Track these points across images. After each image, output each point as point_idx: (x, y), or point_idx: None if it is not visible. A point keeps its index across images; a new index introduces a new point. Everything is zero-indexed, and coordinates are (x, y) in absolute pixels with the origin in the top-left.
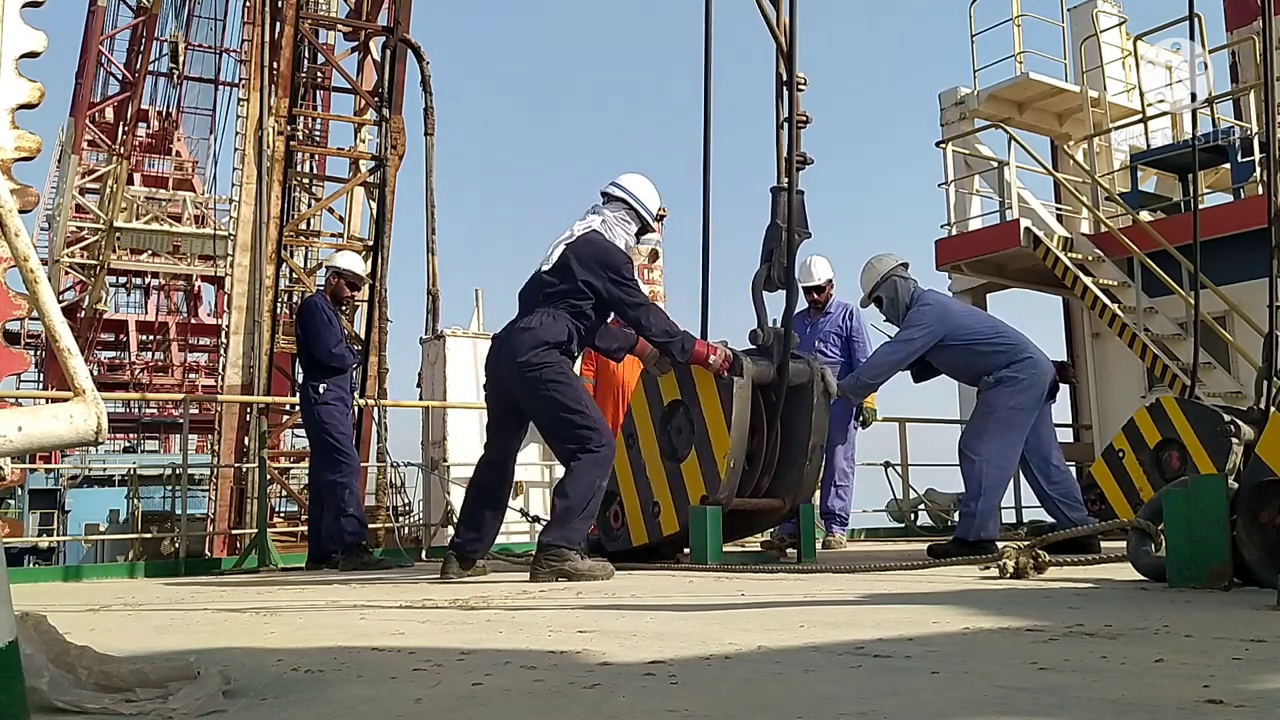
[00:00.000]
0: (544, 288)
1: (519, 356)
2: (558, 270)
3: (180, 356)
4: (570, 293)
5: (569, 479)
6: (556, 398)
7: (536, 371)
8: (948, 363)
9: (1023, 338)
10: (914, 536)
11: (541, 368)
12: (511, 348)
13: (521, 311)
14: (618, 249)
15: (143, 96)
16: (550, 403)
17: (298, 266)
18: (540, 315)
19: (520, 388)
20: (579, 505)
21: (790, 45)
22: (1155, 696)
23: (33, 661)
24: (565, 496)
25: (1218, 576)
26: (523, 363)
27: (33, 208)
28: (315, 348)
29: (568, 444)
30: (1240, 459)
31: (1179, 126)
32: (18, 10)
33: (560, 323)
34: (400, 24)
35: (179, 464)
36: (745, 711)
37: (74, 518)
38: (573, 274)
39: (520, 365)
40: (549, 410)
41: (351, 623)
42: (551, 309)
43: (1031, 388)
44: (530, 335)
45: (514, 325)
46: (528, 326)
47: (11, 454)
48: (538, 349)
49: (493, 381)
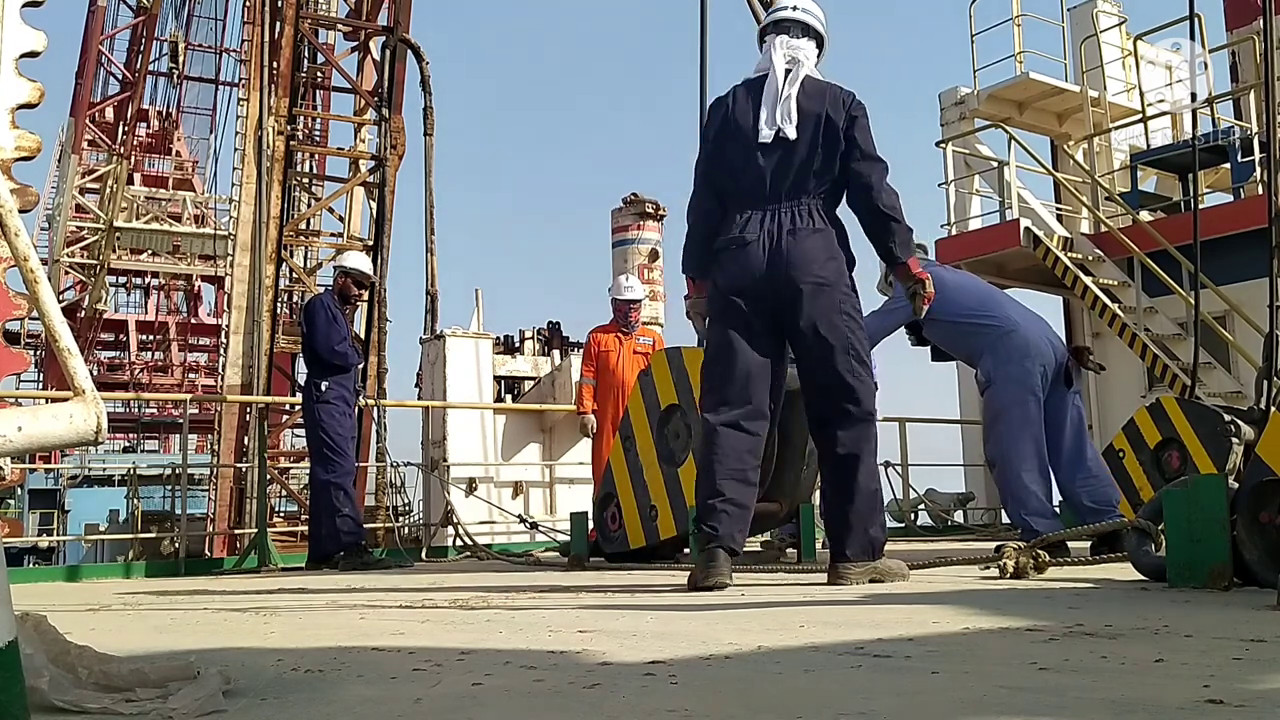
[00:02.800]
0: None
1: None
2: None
3: (180, 356)
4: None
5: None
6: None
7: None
8: (939, 338)
9: (1014, 316)
10: (914, 536)
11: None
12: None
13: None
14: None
15: (143, 96)
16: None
17: (298, 266)
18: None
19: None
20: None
21: None
22: (1155, 696)
23: (33, 661)
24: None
25: (1218, 576)
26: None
27: (33, 208)
28: (318, 345)
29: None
30: (1240, 459)
31: (1179, 126)
32: (18, 10)
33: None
34: (400, 24)
35: (179, 464)
36: (745, 711)
37: (74, 518)
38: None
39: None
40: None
41: (351, 623)
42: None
43: (1022, 379)
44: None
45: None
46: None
47: (11, 454)
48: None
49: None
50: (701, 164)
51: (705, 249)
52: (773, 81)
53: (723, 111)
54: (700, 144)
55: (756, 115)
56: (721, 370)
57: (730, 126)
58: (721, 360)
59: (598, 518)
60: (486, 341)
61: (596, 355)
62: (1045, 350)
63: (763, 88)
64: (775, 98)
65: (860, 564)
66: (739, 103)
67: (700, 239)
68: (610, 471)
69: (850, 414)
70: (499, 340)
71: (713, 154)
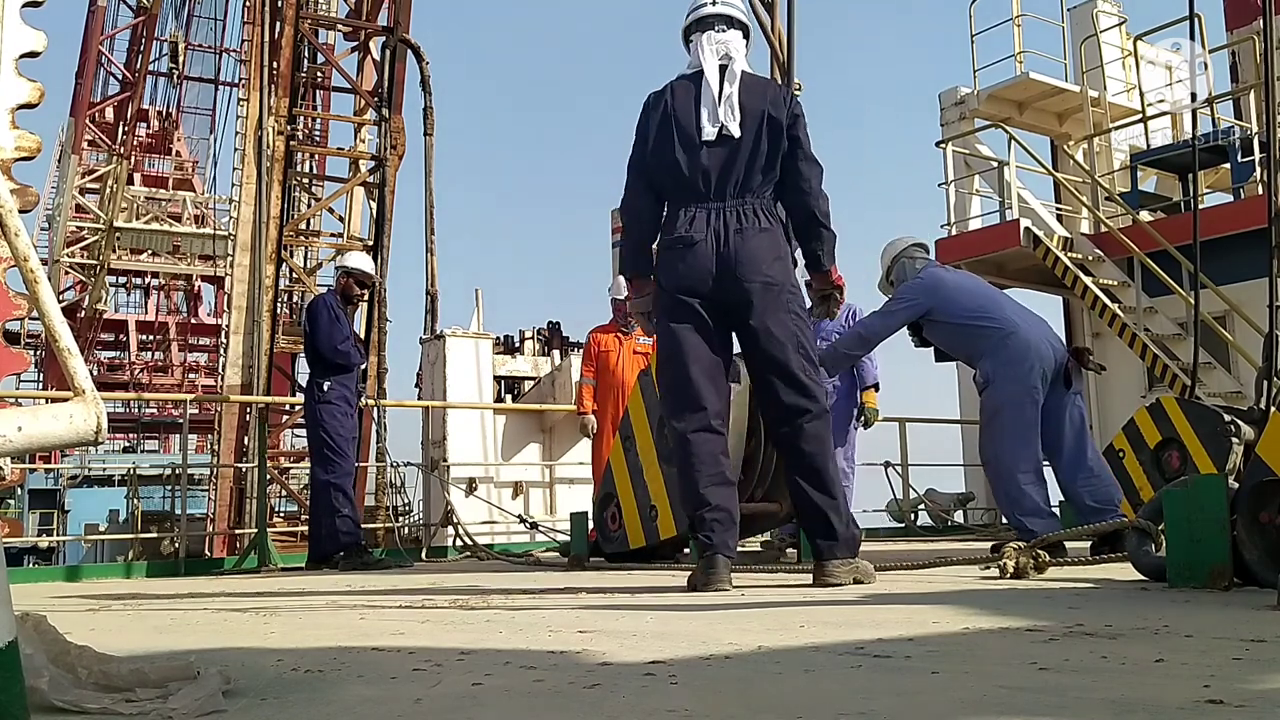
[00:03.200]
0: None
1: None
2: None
3: (180, 356)
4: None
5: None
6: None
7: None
8: (940, 340)
9: (1014, 318)
10: (914, 536)
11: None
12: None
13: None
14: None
15: (143, 96)
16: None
17: (298, 266)
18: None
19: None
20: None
21: (789, 53)
22: (1155, 696)
23: (33, 661)
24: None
25: (1218, 576)
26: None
27: (33, 208)
28: (321, 344)
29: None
30: (1240, 459)
31: (1179, 126)
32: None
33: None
34: (400, 24)
35: (179, 464)
36: (745, 711)
37: (74, 518)
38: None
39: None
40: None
41: (351, 623)
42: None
43: (1020, 380)
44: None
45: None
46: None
47: (11, 454)
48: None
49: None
50: (637, 161)
51: (646, 248)
52: (710, 78)
53: (662, 108)
54: (637, 141)
55: (698, 112)
56: (679, 373)
57: (670, 123)
58: (677, 362)
59: (597, 518)
60: (486, 341)
61: (596, 355)
62: (1045, 352)
63: (701, 84)
64: (715, 95)
65: (846, 563)
66: (678, 99)
67: (640, 238)
68: (610, 471)
69: (809, 411)
70: (499, 340)
71: (653, 151)
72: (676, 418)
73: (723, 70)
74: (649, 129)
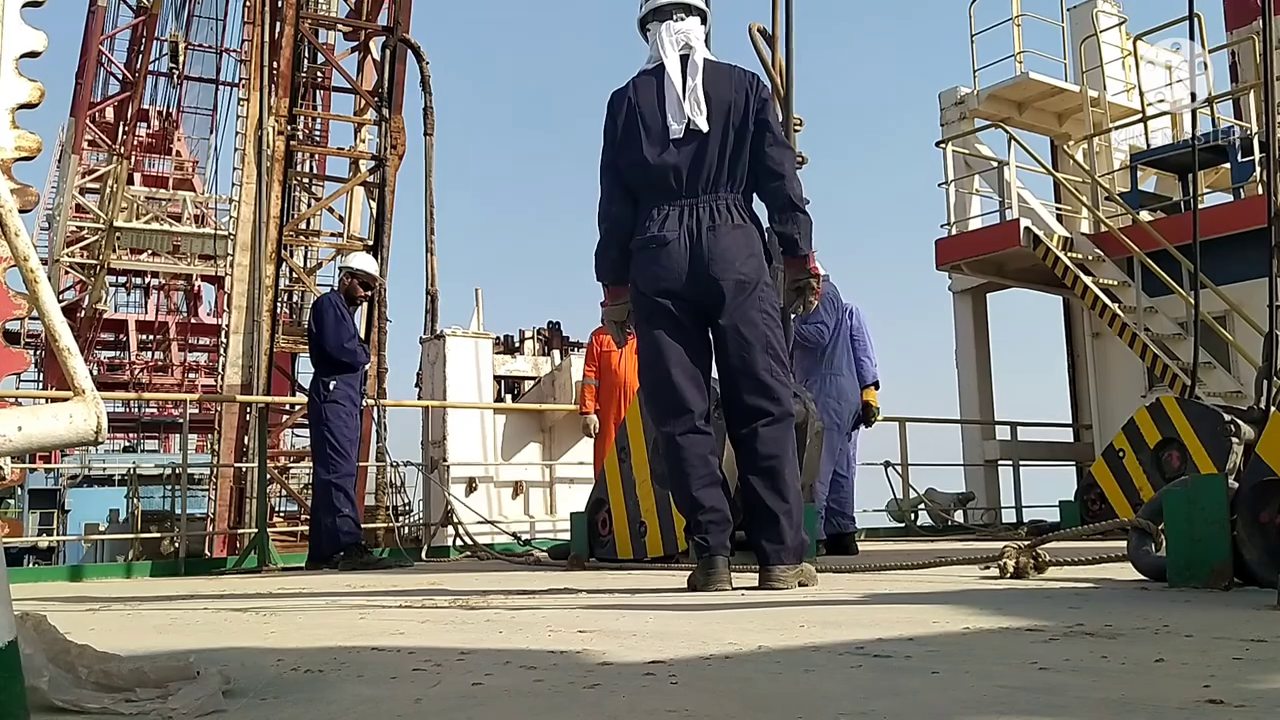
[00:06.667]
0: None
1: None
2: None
3: (180, 356)
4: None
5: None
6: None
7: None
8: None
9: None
10: (914, 536)
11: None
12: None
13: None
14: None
15: (143, 96)
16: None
17: (298, 266)
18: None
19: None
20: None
21: (787, 87)
22: (1155, 696)
23: (32, 661)
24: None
25: (1218, 576)
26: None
27: (33, 208)
28: (327, 343)
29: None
30: (1240, 459)
31: (1179, 126)
32: (18, 10)
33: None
34: (400, 24)
35: (179, 464)
36: (745, 711)
37: (74, 517)
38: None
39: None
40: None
41: (351, 623)
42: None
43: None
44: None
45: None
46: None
47: (11, 454)
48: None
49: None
50: (609, 165)
51: (622, 255)
52: (671, 72)
53: (626, 106)
54: (605, 144)
55: (663, 107)
56: (661, 376)
57: (637, 122)
58: (659, 365)
59: (590, 519)
60: (486, 341)
61: (599, 356)
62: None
63: (663, 79)
64: (679, 90)
65: (792, 568)
66: (642, 96)
67: (616, 244)
68: (604, 477)
69: (770, 413)
70: (499, 340)
71: (621, 151)
72: (662, 422)
73: (684, 61)
74: (616, 130)
